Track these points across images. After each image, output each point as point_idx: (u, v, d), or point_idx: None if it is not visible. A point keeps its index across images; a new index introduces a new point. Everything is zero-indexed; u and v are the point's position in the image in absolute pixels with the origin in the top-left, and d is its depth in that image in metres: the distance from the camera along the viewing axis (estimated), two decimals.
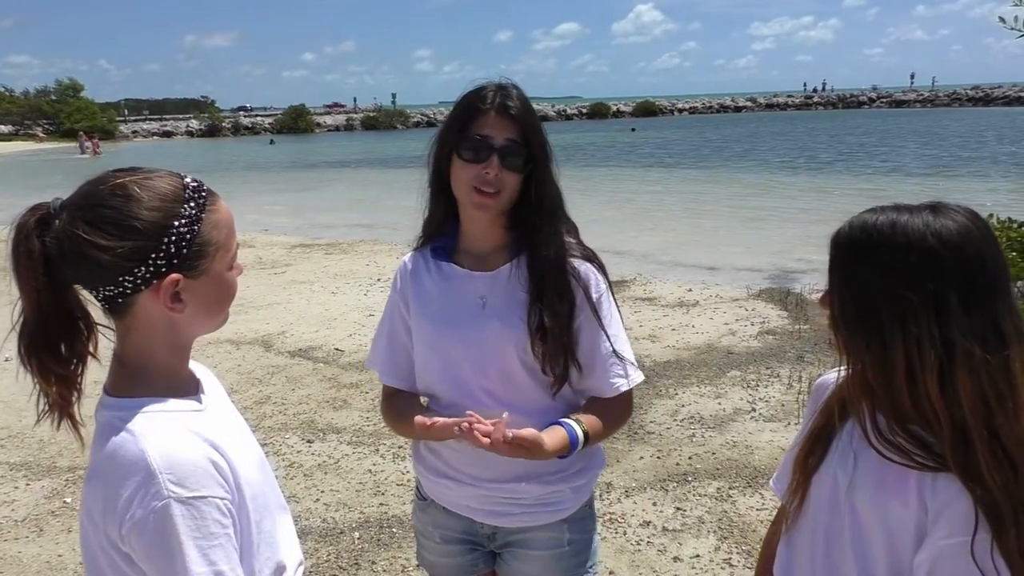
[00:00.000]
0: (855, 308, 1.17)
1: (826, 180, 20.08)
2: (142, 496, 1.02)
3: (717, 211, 15.36)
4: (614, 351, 1.64)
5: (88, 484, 1.09)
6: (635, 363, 1.69)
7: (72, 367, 1.14)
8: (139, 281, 1.08)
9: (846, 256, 1.19)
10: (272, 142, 57.07)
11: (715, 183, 20.66)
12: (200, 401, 1.22)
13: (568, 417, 1.59)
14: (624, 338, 1.68)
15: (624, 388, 1.66)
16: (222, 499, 1.08)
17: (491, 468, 1.63)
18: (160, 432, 1.08)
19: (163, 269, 1.09)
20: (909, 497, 1.14)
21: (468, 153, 1.56)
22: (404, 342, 1.74)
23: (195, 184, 1.16)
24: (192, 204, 1.12)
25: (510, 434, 1.42)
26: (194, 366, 1.30)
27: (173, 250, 1.09)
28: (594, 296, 1.63)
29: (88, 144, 46.65)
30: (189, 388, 1.22)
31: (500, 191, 1.56)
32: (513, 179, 1.57)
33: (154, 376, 1.16)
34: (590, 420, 1.61)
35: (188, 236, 1.10)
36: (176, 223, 1.09)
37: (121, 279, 1.08)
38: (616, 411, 1.68)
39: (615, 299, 1.70)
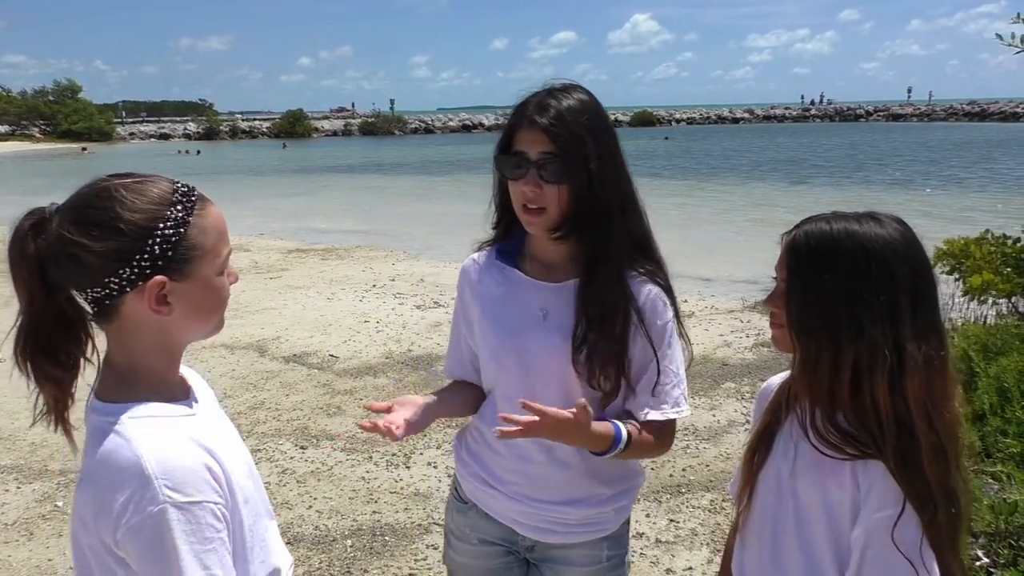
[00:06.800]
0: (815, 312, 1.25)
1: (822, 193, 20.12)
2: (137, 501, 1.03)
3: (713, 221, 15.38)
4: (663, 379, 1.58)
5: (80, 488, 1.10)
6: (686, 397, 1.63)
7: (66, 371, 1.16)
8: (124, 283, 1.10)
9: (809, 264, 1.25)
10: (284, 146, 58.21)
11: (711, 193, 20.71)
12: (191, 406, 1.22)
13: (618, 420, 1.57)
14: (679, 371, 1.61)
15: (666, 417, 1.59)
16: (216, 504, 1.09)
17: (540, 489, 1.63)
18: (154, 437, 1.09)
19: (148, 271, 1.10)
20: (844, 479, 1.23)
21: (508, 171, 1.54)
22: (468, 342, 1.75)
23: (184, 189, 1.17)
24: (179, 208, 1.13)
25: (549, 410, 1.39)
26: (185, 371, 1.31)
27: (158, 252, 1.10)
28: (654, 320, 1.58)
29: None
30: (180, 393, 1.23)
31: (545, 207, 1.50)
32: (555, 192, 1.49)
33: (143, 380, 1.16)
34: (636, 429, 1.56)
35: (174, 239, 1.11)
36: (161, 226, 1.11)
37: (107, 280, 1.09)
38: (656, 435, 1.60)
39: (682, 330, 1.63)
